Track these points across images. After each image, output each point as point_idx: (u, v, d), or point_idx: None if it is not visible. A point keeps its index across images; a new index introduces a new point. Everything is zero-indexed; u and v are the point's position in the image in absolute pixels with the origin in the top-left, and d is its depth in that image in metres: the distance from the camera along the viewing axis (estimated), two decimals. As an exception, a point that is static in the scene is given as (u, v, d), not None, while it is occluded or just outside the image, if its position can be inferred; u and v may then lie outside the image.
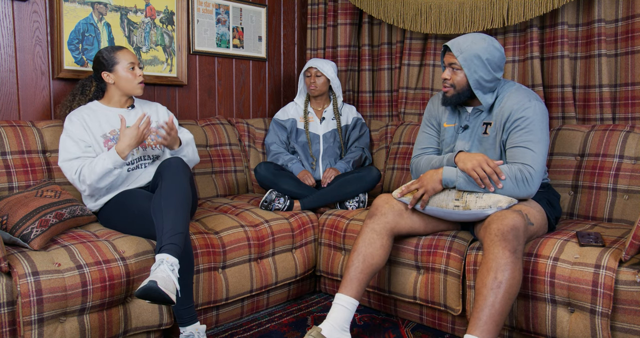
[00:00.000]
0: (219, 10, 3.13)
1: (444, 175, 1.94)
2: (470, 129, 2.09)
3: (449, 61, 2.03)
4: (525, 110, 1.94)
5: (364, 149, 2.95)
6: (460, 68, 1.99)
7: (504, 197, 1.87)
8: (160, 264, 1.67)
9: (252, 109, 3.40)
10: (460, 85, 2.02)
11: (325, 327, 1.86)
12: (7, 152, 2.15)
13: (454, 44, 2.01)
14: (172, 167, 1.95)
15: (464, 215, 1.93)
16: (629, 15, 2.34)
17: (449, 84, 2.05)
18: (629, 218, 2.17)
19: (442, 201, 1.96)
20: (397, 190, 2.10)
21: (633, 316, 1.64)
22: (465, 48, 1.98)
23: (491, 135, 2.03)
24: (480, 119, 2.08)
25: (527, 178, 1.88)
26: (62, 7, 2.45)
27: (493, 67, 1.99)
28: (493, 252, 1.72)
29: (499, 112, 2.01)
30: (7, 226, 1.81)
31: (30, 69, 2.42)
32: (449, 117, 2.17)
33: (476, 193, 1.91)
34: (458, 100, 2.06)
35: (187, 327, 1.91)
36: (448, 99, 2.08)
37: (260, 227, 2.33)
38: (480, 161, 1.89)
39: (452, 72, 2.03)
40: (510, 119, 1.96)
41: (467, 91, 2.04)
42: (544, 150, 1.93)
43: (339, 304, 1.91)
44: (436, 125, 2.23)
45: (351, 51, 3.34)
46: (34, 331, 1.62)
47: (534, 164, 1.89)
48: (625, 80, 2.38)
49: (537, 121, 1.93)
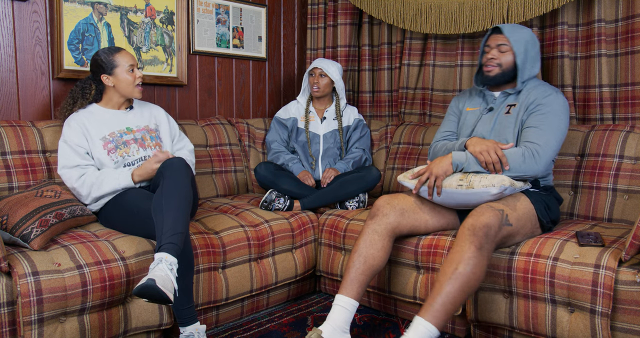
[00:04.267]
0: (219, 10, 3.13)
1: (454, 158, 2.00)
2: (494, 111, 2.17)
3: (498, 42, 2.13)
4: (549, 98, 2.05)
5: (364, 150, 2.95)
6: (509, 49, 2.11)
7: (507, 177, 1.91)
8: (159, 263, 1.67)
9: (252, 109, 3.40)
10: (506, 64, 2.13)
11: (326, 328, 1.86)
12: (7, 152, 2.15)
13: (505, 27, 2.14)
14: (174, 167, 1.96)
15: (467, 194, 1.94)
16: (629, 15, 2.34)
17: (495, 63, 2.14)
18: (629, 218, 2.17)
19: (446, 181, 1.98)
20: (404, 174, 2.12)
21: (633, 316, 1.64)
22: (515, 31, 2.12)
23: (513, 114, 2.10)
24: (506, 102, 2.16)
25: (534, 154, 1.95)
26: (62, 7, 2.45)
27: (533, 55, 2.13)
28: (460, 245, 1.78)
29: (525, 95, 2.11)
30: (7, 226, 1.81)
31: (30, 69, 2.42)
32: (472, 103, 2.27)
33: (481, 174, 1.95)
34: (501, 79, 2.16)
35: (187, 327, 1.91)
36: (491, 78, 2.16)
37: (260, 227, 2.34)
38: (490, 146, 1.97)
39: (500, 53, 2.14)
40: (535, 102, 2.07)
41: (511, 72, 2.14)
42: (557, 137, 2.00)
43: (339, 305, 1.91)
44: (457, 114, 2.33)
45: (351, 51, 3.34)
46: (34, 331, 1.62)
47: (543, 143, 1.97)
48: (625, 80, 2.38)
49: (557, 111, 2.03)
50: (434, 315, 1.70)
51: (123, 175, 2.09)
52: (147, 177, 2.11)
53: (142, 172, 2.10)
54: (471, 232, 1.77)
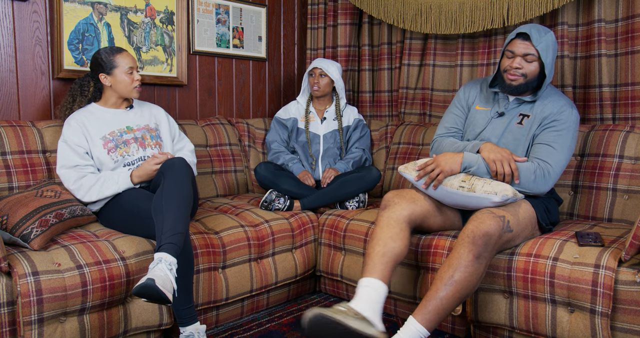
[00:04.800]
0: (219, 10, 3.13)
1: (465, 159, 1.95)
2: (505, 117, 2.11)
3: (526, 51, 2.00)
4: (564, 114, 2.00)
5: (364, 150, 2.95)
6: (537, 59, 2.00)
7: (511, 187, 1.88)
8: (158, 263, 1.67)
9: (252, 109, 3.40)
10: (532, 75, 2.03)
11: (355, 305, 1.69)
12: (7, 152, 2.15)
13: (532, 33, 1.98)
14: (175, 167, 1.96)
15: (466, 197, 1.91)
16: (629, 15, 2.34)
17: (520, 73, 2.02)
18: (629, 218, 2.17)
19: (447, 180, 1.96)
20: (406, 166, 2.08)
21: (633, 316, 1.64)
22: (542, 39, 1.98)
23: (526, 126, 2.05)
24: (518, 110, 2.09)
25: (545, 175, 1.93)
26: (62, 7, 2.45)
27: (553, 60, 2.03)
28: (459, 251, 1.77)
29: (540, 107, 2.05)
30: (7, 226, 1.81)
31: (30, 69, 2.42)
32: (483, 101, 2.19)
33: (484, 179, 1.91)
34: (524, 89, 2.06)
35: (187, 327, 1.91)
36: (514, 87, 2.05)
37: (260, 227, 2.34)
38: (505, 157, 1.93)
39: (525, 62, 2.01)
40: (549, 117, 2.01)
41: (534, 81, 2.05)
42: (567, 156, 1.98)
43: (363, 286, 1.74)
44: (465, 108, 2.25)
45: (351, 51, 3.34)
46: (34, 331, 1.62)
47: (554, 163, 1.94)
48: (625, 80, 2.38)
49: (571, 128, 1.99)
50: (426, 317, 1.72)
51: (122, 178, 2.09)
52: (147, 178, 2.11)
53: (142, 173, 2.10)
54: (470, 240, 1.76)
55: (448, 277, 1.75)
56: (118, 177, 2.09)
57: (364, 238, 2.34)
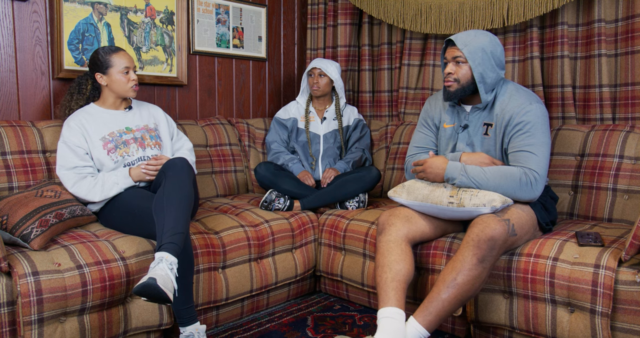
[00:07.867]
0: (219, 10, 3.13)
1: (447, 171, 1.95)
2: (470, 129, 2.09)
3: (453, 55, 2.02)
4: (526, 114, 1.95)
5: (364, 150, 2.95)
6: (465, 61, 1.99)
7: (498, 196, 1.87)
8: (159, 262, 1.67)
9: (252, 109, 3.40)
10: (464, 79, 2.01)
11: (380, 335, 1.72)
12: (7, 152, 2.15)
13: (458, 38, 2.01)
14: (176, 167, 1.96)
15: (458, 212, 1.92)
16: (629, 15, 2.34)
17: (452, 79, 2.03)
18: (629, 218, 2.17)
19: (436, 197, 1.96)
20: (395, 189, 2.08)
21: (633, 316, 1.64)
22: (469, 41, 1.98)
23: (492, 136, 2.04)
24: (481, 119, 2.07)
25: (532, 182, 1.90)
26: (62, 7, 2.45)
27: (496, 61, 2.00)
28: (463, 254, 1.78)
29: (499, 113, 2.02)
30: (7, 226, 1.81)
31: (30, 69, 2.42)
32: (448, 117, 2.17)
33: (471, 191, 1.91)
34: (462, 94, 2.05)
35: (187, 327, 1.91)
36: (452, 93, 2.05)
37: (260, 227, 2.33)
38: (484, 164, 1.96)
39: (456, 66, 2.02)
40: (512, 123, 1.97)
41: (471, 85, 2.03)
42: (547, 153, 1.94)
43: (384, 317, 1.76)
44: (432, 126, 2.23)
45: (351, 51, 3.34)
46: (34, 331, 1.62)
47: (538, 168, 1.91)
48: (625, 80, 2.38)
49: (538, 124, 1.94)
50: (426, 318, 1.73)
51: (122, 178, 2.11)
52: (142, 179, 2.16)
53: (137, 172, 2.14)
54: (475, 244, 1.76)
55: (451, 279, 1.75)
56: (117, 177, 2.11)
57: (364, 239, 2.34)
